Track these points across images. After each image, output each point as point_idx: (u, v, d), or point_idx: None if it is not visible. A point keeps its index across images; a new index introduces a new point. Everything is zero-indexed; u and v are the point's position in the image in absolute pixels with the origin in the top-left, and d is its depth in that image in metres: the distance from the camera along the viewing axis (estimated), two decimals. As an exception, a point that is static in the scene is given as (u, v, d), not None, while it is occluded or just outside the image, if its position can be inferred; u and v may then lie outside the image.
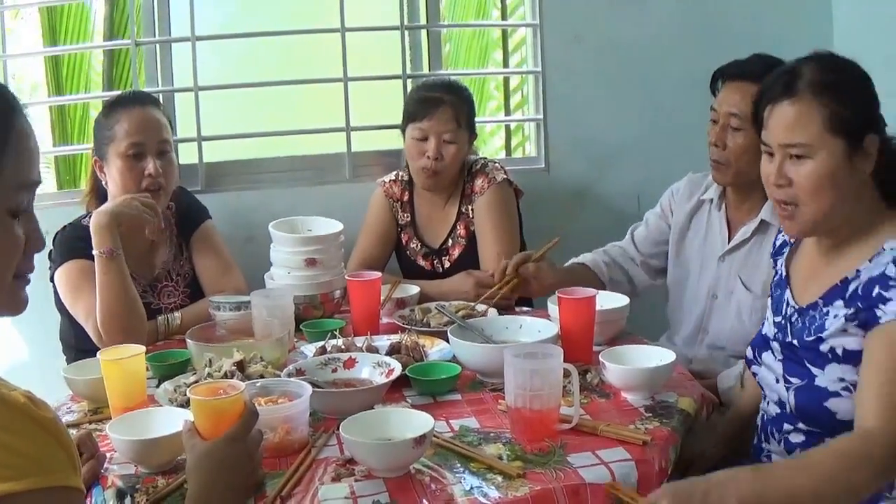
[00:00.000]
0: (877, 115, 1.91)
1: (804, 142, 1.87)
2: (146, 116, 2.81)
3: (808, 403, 1.90)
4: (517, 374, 1.90)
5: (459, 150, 3.11)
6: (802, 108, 1.87)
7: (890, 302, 1.77)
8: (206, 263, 2.96)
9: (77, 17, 3.96)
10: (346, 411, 1.91)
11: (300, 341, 2.62)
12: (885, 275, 1.80)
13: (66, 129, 4.12)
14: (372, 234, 3.30)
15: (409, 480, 1.74)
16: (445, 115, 3.07)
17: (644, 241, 3.06)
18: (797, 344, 1.96)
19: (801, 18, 3.81)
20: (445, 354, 2.37)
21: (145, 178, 2.77)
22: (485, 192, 3.12)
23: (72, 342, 2.82)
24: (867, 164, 1.88)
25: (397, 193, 3.30)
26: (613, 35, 3.77)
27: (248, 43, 3.76)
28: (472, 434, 1.95)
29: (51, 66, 4.02)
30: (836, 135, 1.85)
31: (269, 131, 3.76)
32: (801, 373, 1.94)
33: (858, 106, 1.87)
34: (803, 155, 1.88)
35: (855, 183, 1.89)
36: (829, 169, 1.86)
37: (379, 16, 3.81)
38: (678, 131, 3.62)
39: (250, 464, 1.63)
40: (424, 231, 3.29)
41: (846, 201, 1.90)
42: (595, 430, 1.93)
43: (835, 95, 1.85)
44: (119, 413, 2.01)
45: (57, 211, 3.26)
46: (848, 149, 1.86)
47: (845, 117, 1.85)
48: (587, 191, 3.84)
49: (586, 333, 2.37)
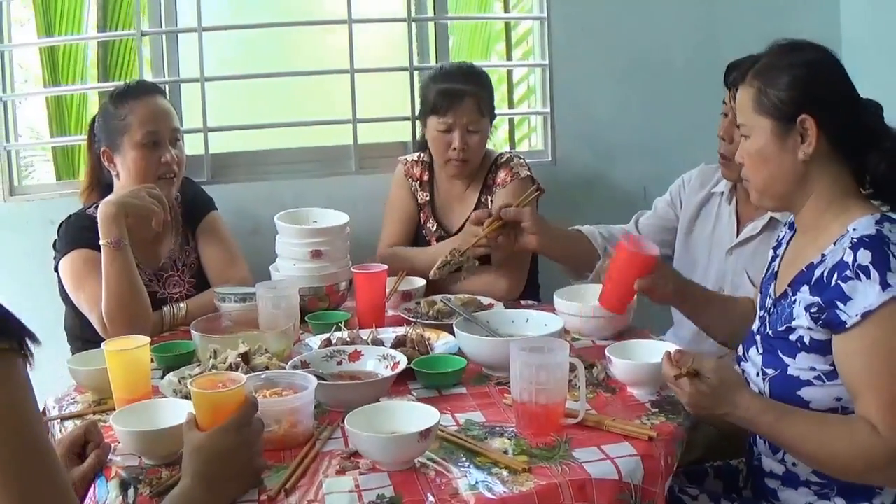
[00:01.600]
0: (817, 95, 1.91)
1: (742, 122, 2.01)
2: (159, 105, 2.84)
3: (783, 393, 1.91)
4: (523, 368, 1.90)
5: (483, 137, 3.12)
6: (743, 92, 2.00)
7: (851, 301, 1.78)
8: (211, 254, 2.96)
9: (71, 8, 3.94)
10: (352, 404, 1.90)
11: (305, 333, 2.62)
12: (843, 261, 1.81)
13: (63, 119, 4.11)
14: (396, 214, 3.29)
15: (413, 474, 1.73)
16: (469, 106, 3.06)
17: (650, 228, 3.05)
18: (771, 335, 1.97)
19: (808, 11, 3.79)
20: (451, 347, 2.36)
21: (161, 165, 2.78)
22: (507, 185, 3.11)
23: (76, 332, 2.82)
24: (806, 146, 1.91)
25: (417, 173, 3.29)
26: (621, 28, 3.76)
27: (255, 34, 3.75)
28: (477, 428, 1.94)
29: (47, 56, 4.00)
30: (763, 114, 1.94)
31: (275, 123, 3.75)
32: (775, 363, 1.95)
33: (789, 87, 1.91)
34: (745, 134, 2.00)
35: (792, 161, 1.93)
36: (757, 146, 1.97)
37: (386, 7, 3.80)
38: (685, 124, 3.62)
39: (248, 453, 1.63)
40: (442, 213, 3.27)
41: (783, 180, 1.96)
42: (601, 424, 1.92)
43: (764, 78, 1.94)
44: (123, 404, 2.01)
45: (56, 202, 3.27)
46: (777, 128, 1.93)
47: (771, 97, 1.92)
48: (594, 184, 3.83)
49: (627, 286, 2.31)
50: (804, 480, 1.96)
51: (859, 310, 1.77)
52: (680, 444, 1.94)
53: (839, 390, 1.85)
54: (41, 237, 3.00)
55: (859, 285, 1.77)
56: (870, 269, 1.77)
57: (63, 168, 4.22)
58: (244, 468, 1.64)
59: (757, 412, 1.84)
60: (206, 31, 3.50)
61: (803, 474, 1.96)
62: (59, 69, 4.05)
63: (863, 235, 1.81)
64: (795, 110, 1.89)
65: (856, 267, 1.78)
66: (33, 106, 4.07)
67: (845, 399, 1.85)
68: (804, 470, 1.95)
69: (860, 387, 1.79)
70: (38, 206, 3.40)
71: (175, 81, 3.56)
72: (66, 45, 4.04)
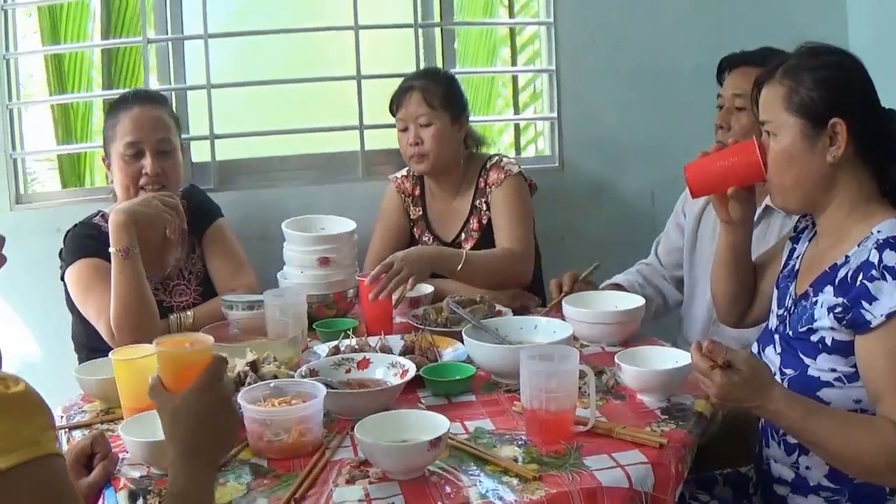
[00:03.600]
0: (849, 99, 1.91)
1: (769, 119, 1.98)
2: (144, 115, 2.80)
3: (801, 393, 1.89)
4: (533, 376, 1.89)
5: (440, 131, 3.12)
6: (772, 89, 1.97)
7: (877, 302, 1.78)
8: (218, 262, 2.95)
9: (77, 15, 3.94)
10: (361, 412, 1.90)
11: (313, 341, 2.61)
12: (868, 261, 1.81)
13: (69, 127, 4.11)
14: (385, 231, 3.30)
15: (424, 483, 1.73)
16: (415, 99, 3.12)
17: (666, 253, 3.08)
18: (792, 335, 1.97)
19: (815, 14, 3.78)
20: (460, 355, 2.36)
21: (143, 176, 2.77)
22: (501, 184, 3.11)
23: (83, 341, 2.81)
24: (835, 149, 1.90)
25: (409, 188, 3.31)
26: (629, 33, 3.75)
27: (261, 41, 3.75)
28: (487, 436, 1.93)
29: (53, 64, 4.00)
30: (793, 113, 1.92)
31: (281, 129, 3.74)
32: (794, 363, 1.94)
33: (822, 88, 1.90)
34: (771, 132, 1.97)
35: (820, 164, 1.92)
36: (784, 145, 1.94)
37: (392, 13, 3.79)
38: (693, 129, 3.58)
39: (225, 410, 1.57)
40: (437, 225, 3.29)
41: (810, 182, 1.95)
42: (611, 432, 1.91)
43: (797, 77, 1.93)
44: (131, 414, 2.00)
45: (62, 210, 3.26)
46: (808, 129, 1.91)
47: (804, 96, 1.91)
48: (602, 189, 3.82)
49: (720, 179, 2.15)
50: (815, 486, 1.96)
51: (885, 310, 1.76)
52: (690, 452, 1.92)
53: (859, 392, 1.85)
54: (47, 245, 2.99)
55: (885, 286, 1.77)
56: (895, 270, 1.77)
57: (69, 176, 4.23)
58: (225, 429, 1.57)
59: (787, 406, 1.81)
60: (211, 38, 3.49)
61: (814, 480, 1.95)
62: (65, 77, 4.06)
63: (889, 237, 1.82)
64: (828, 112, 1.89)
65: (882, 267, 1.78)
66: (39, 114, 4.07)
67: (865, 401, 1.85)
68: (815, 476, 1.95)
69: (882, 389, 1.78)
70: (44, 215, 3.39)
71: (181, 88, 3.56)
72: (71, 53, 4.05)
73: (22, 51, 3.61)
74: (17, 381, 1.17)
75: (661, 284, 3.05)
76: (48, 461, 1.15)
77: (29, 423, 1.15)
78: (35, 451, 1.13)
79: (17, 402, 1.15)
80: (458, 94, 3.23)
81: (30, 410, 1.16)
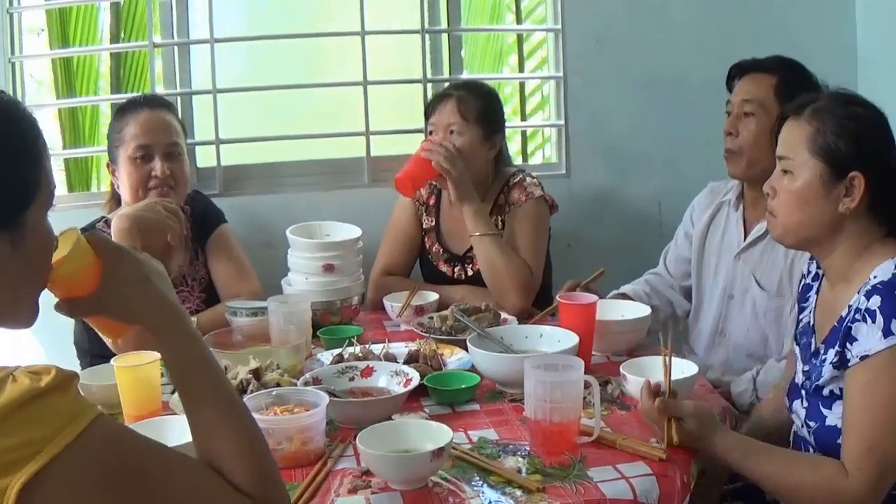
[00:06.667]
0: (873, 155, 1.91)
1: (787, 155, 1.97)
2: (153, 119, 2.81)
3: (826, 443, 1.92)
4: (537, 386, 1.88)
5: (468, 145, 3.01)
6: (797, 126, 1.96)
7: (856, 342, 1.81)
8: (221, 268, 2.94)
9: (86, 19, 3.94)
10: (364, 421, 1.89)
11: (317, 348, 2.60)
12: (857, 308, 1.84)
13: (77, 131, 4.10)
14: (396, 237, 3.25)
15: (426, 494, 1.72)
16: (449, 108, 3.05)
17: (674, 262, 3.07)
18: (812, 390, 1.99)
19: (824, 22, 3.77)
20: (464, 363, 2.34)
21: (152, 179, 2.77)
22: (522, 205, 3.03)
23: (86, 347, 2.80)
24: (849, 201, 1.90)
25: (424, 197, 3.24)
26: (636, 40, 3.73)
27: (267, 46, 3.74)
28: (490, 446, 1.92)
29: (62, 68, 4.00)
30: (816, 156, 1.92)
31: (287, 135, 3.72)
32: (816, 416, 1.97)
33: (849, 139, 1.90)
34: (787, 170, 1.97)
35: (831, 211, 1.92)
36: (800, 187, 1.94)
37: (399, 19, 3.78)
38: (701, 137, 3.58)
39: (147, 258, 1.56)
40: (449, 237, 3.22)
41: (816, 226, 1.96)
42: (615, 443, 1.90)
43: (824, 119, 1.92)
44: (133, 421, 2.00)
45: (69, 214, 3.25)
46: (827, 174, 1.91)
47: (829, 142, 1.90)
48: (609, 197, 3.80)
49: (586, 340, 2.36)
50: None
51: (860, 351, 1.80)
52: (696, 463, 1.92)
53: None
54: (52, 250, 2.98)
55: (864, 328, 1.80)
56: (876, 314, 1.79)
57: (76, 180, 4.22)
58: None
59: (728, 448, 1.92)
60: (218, 42, 3.48)
61: None
62: (73, 80, 4.06)
63: (879, 282, 1.83)
64: (850, 164, 1.89)
65: (864, 310, 1.81)
66: (46, 117, 4.07)
67: None
68: None
69: (845, 426, 1.82)
70: (51, 218, 3.37)
71: (187, 93, 3.55)
72: (80, 57, 4.05)
73: (28, 53, 3.60)
74: (49, 370, 1.22)
75: (670, 294, 3.02)
76: (94, 425, 1.19)
77: (64, 401, 1.20)
78: (81, 423, 1.17)
79: (50, 393, 1.19)
80: (496, 112, 3.15)
81: (64, 390, 1.21)
